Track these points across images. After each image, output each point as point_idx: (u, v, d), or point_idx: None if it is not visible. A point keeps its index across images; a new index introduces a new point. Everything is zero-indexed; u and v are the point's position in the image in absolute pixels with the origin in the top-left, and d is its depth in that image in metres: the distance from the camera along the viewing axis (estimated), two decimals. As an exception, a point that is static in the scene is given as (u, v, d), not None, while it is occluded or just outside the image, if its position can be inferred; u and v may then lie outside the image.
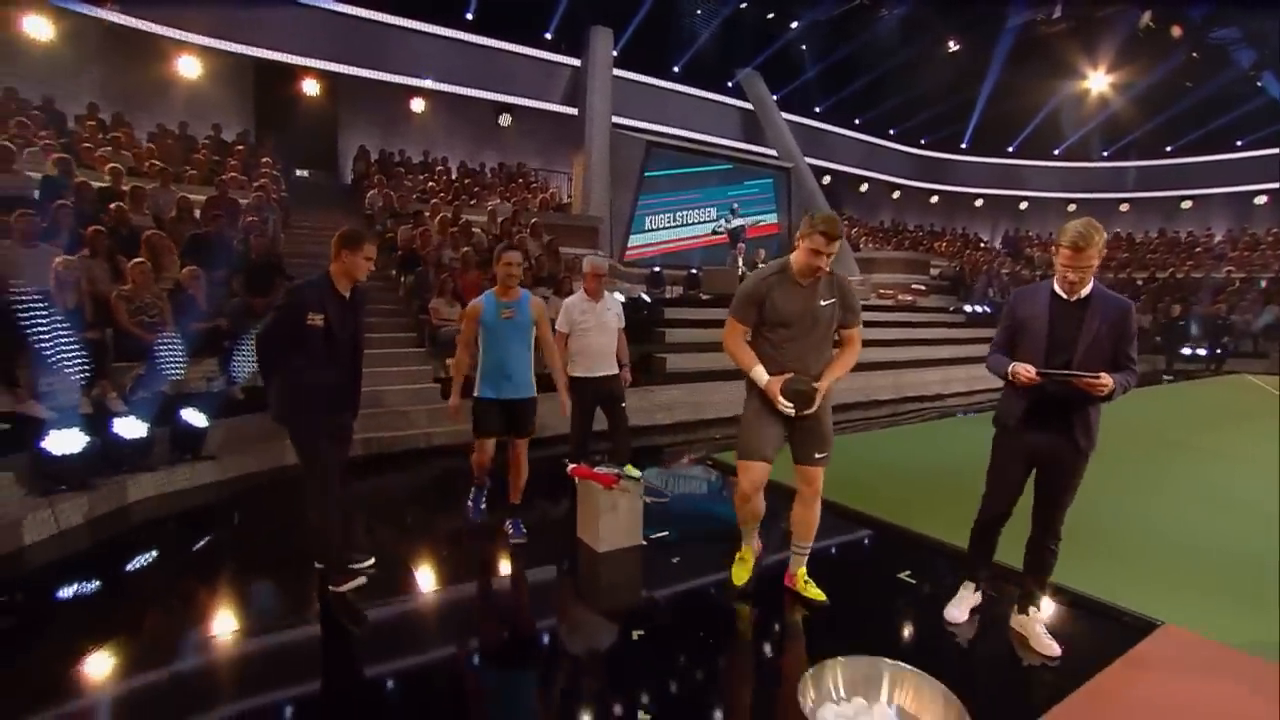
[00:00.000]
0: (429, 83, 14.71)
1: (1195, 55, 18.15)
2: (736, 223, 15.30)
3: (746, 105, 18.82)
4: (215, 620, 2.74)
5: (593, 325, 4.05)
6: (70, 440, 3.66)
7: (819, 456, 2.68)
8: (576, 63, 15.95)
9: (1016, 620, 2.57)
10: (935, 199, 24.01)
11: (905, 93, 20.51)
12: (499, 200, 12.87)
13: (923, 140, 23.11)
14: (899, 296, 14.25)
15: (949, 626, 2.63)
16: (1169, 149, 22.38)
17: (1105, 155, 23.74)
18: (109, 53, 11.37)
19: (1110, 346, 2.25)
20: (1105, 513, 3.92)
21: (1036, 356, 2.32)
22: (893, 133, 22.48)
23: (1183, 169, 22.31)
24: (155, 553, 3.53)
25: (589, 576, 3.25)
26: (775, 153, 17.93)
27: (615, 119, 15.24)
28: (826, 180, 19.68)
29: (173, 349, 4.93)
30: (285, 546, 3.56)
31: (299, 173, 13.58)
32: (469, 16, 15.18)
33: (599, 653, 2.58)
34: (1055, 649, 2.42)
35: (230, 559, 3.51)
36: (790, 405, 2.51)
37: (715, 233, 15.30)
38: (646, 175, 14.29)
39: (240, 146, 11.36)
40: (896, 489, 4.50)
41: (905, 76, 19.69)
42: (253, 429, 4.89)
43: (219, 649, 2.52)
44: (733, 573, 2.96)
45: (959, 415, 8.51)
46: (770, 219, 16.70)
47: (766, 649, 2.63)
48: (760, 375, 2.57)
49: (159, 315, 5.05)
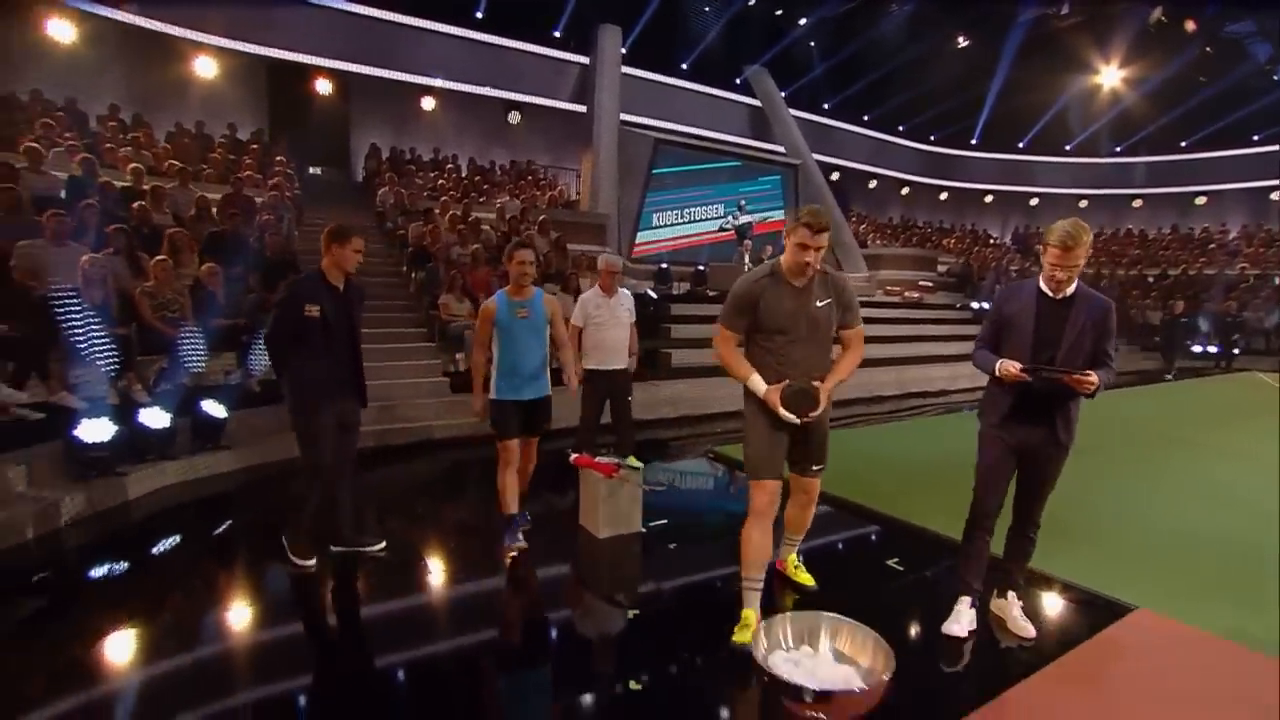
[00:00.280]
0: (439, 81, 14.86)
1: (1209, 49, 17.96)
2: (744, 219, 15.35)
3: (754, 102, 18.83)
4: (233, 599, 2.94)
5: (606, 320, 4.27)
6: (100, 429, 3.86)
7: (816, 469, 2.62)
8: (585, 61, 16.04)
9: (995, 604, 2.68)
10: (944, 195, 23.90)
11: (914, 89, 20.43)
12: (508, 197, 13.04)
13: (932, 136, 22.99)
14: (906, 293, 14.27)
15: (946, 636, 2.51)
16: (1183, 144, 22.13)
17: (1118, 151, 23.50)
18: (128, 54, 11.64)
19: (1092, 344, 2.33)
20: (1104, 507, 4.02)
21: (1022, 353, 2.37)
22: (901, 129, 22.38)
23: (1197, 164, 22.06)
24: (179, 537, 3.71)
25: (589, 561, 3.39)
26: (783, 149, 17.96)
27: (623, 116, 15.33)
28: (835, 177, 19.68)
29: (193, 343, 5.13)
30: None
31: (312, 170, 13.80)
32: (479, 15, 15.32)
33: (595, 631, 2.72)
34: (1030, 631, 2.53)
35: (247, 543, 3.69)
36: (793, 414, 2.34)
37: (723, 229, 15.35)
38: (654, 172, 14.36)
39: (255, 145, 11.60)
40: (895, 482, 4.59)
41: (914, 72, 19.62)
42: (268, 420, 5.09)
43: (236, 626, 2.70)
44: (737, 634, 2.28)
45: (964, 411, 8.56)
46: (778, 215, 16.72)
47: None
48: (758, 385, 2.42)
49: (180, 311, 5.25)
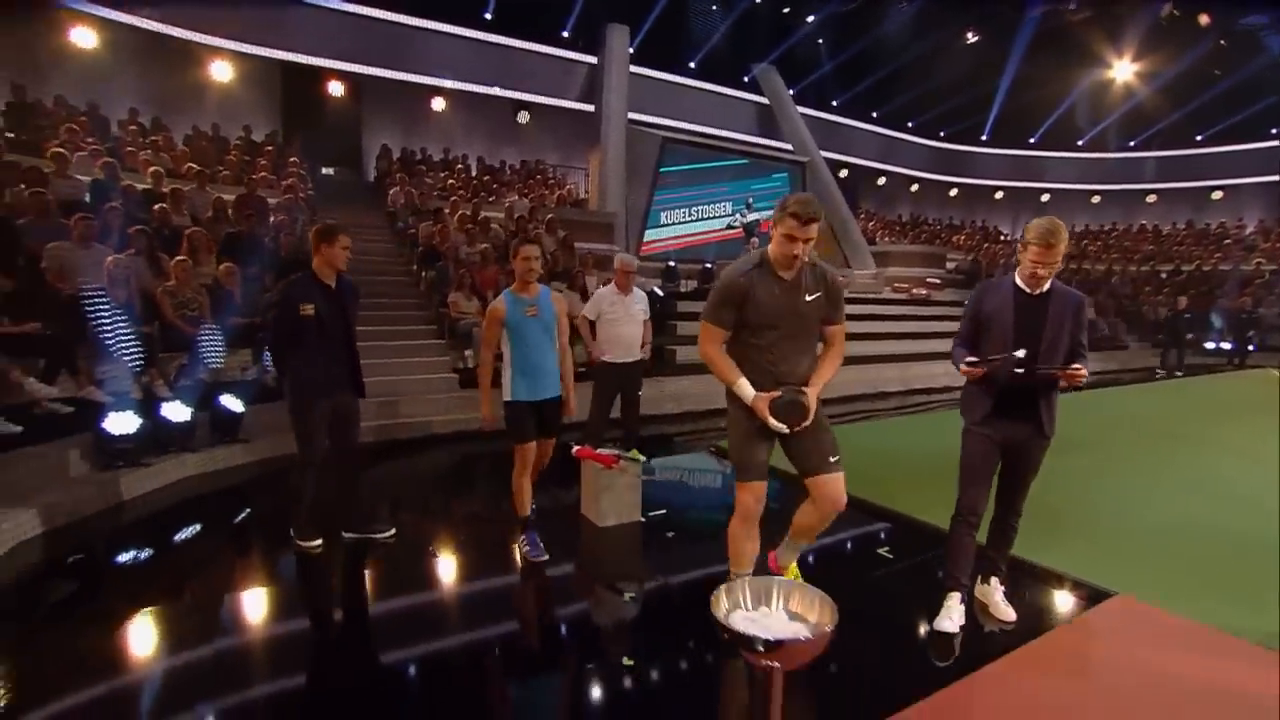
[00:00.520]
0: (449, 82, 15.05)
1: (1223, 42, 17.76)
2: (752, 217, 15.43)
3: (762, 100, 18.87)
4: (249, 579, 3.12)
5: (621, 316, 4.48)
6: (126, 422, 4.04)
7: (834, 460, 2.33)
8: (593, 60, 16.17)
9: (979, 589, 2.76)
10: (954, 192, 23.78)
11: (923, 85, 20.36)
12: (517, 197, 13.20)
13: (941, 133, 22.90)
14: (913, 290, 14.27)
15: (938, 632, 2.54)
16: (1199, 138, 21.86)
17: (1131, 146, 23.27)
18: (147, 59, 11.92)
19: (1068, 338, 2.41)
20: (1101, 501, 4.09)
21: (1004, 349, 2.41)
22: (911, 125, 22.31)
23: (1213, 159, 21.77)
24: (200, 525, 3.88)
25: (589, 548, 3.51)
26: (791, 147, 17.98)
27: (631, 115, 15.43)
28: (843, 174, 19.67)
29: (212, 340, 5.32)
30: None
31: (325, 171, 14.01)
32: (487, 16, 15.50)
33: (593, 612, 2.85)
34: (1011, 615, 2.62)
35: (264, 530, 3.86)
36: (783, 425, 2.21)
37: (730, 227, 15.41)
38: (662, 171, 14.45)
39: (269, 147, 11.83)
40: (899, 477, 4.64)
41: (923, 69, 19.56)
42: (283, 415, 5.22)
43: (254, 604, 2.86)
44: None
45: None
46: (785, 213, 16.80)
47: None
48: (745, 391, 2.25)
49: (199, 309, 5.44)
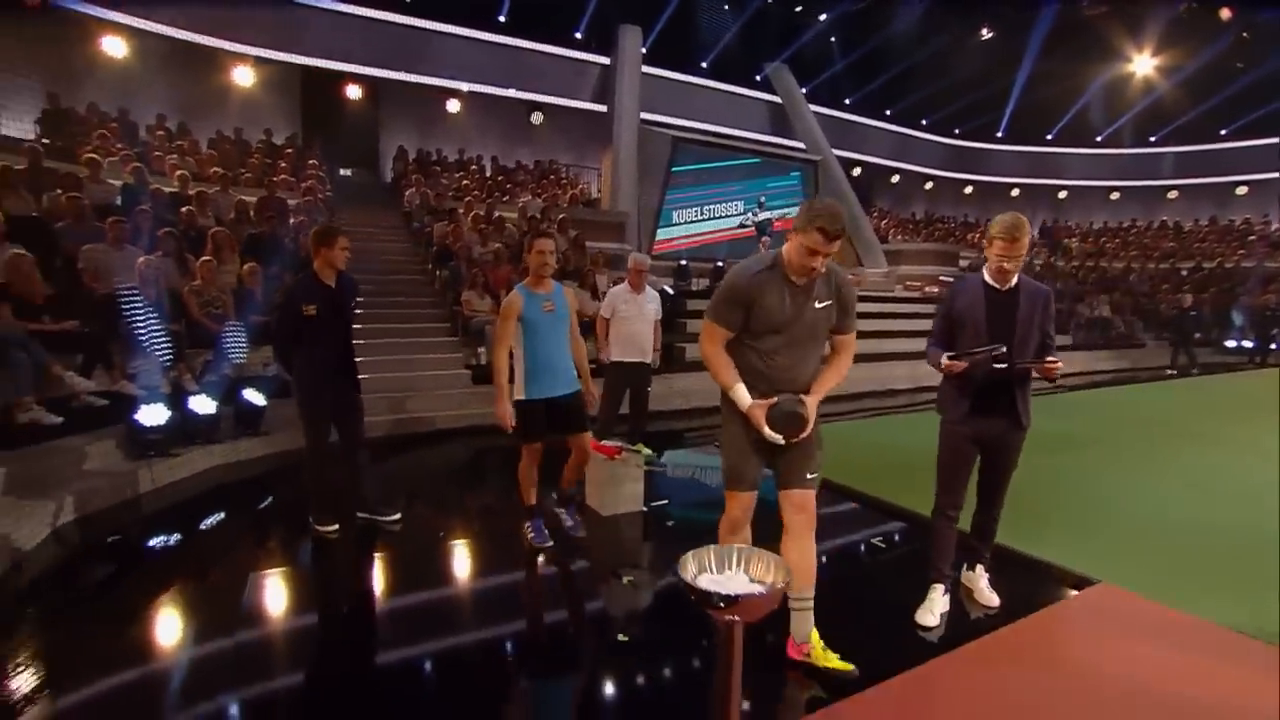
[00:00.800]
0: (464, 84, 15.30)
1: (1246, 35, 17.46)
2: (764, 216, 15.50)
3: (774, 99, 18.90)
4: (272, 562, 3.31)
5: (633, 315, 4.60)
6: (156, 414, 4.27)
7: (810, 477, 2.25)
8: (606, 61, 16.33)
9: (965, 575, 2.88)
10: (969, 189, 23.61)
11: (937, 82, 20.27)
12: (530, 196, 13.40)
13: (956, 130, 22.75)
14: (925, 289, 14.25)
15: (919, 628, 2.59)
16: (1223, 132, 21.47)
17: (1152, 141, 22.92)
18: (173, 65, 12.30)
19: (1039, 330, 2.49)
20: (1099, 496, 4.16)
21: (978, 345, 2.46)
22: (925, 123, 22.20)
23: (1237, 153, 21.36)
24: (225, 512, 4.10)
25: (592, 535, 3.62)
26: (804, 146, 18.00)
27: (644, 115, 15.57)
28: (856, 172, 19.64)
29: (235, 337, 5.55)
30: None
31: (343, 172, 14.34)
32: (501, 19, 15.72)
33: (592, 592, 2.99)
34: (995, 600, 2.73)
35: (284, 517, 4.06)
36: (779, 435, 2.12)
37: (743, 226, 15.49)
38: (674, 170, 14.55)
39: (289, 150, 12.15)
40: (905, 474, 4.74)
41: (937, 66, 19.47)
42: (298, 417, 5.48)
43: (275, 585, 3.06)
44: None
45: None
46: (798, 211, 16.82)
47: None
48: (742, 397, 2.14)
49: (223, 308, 5.68)
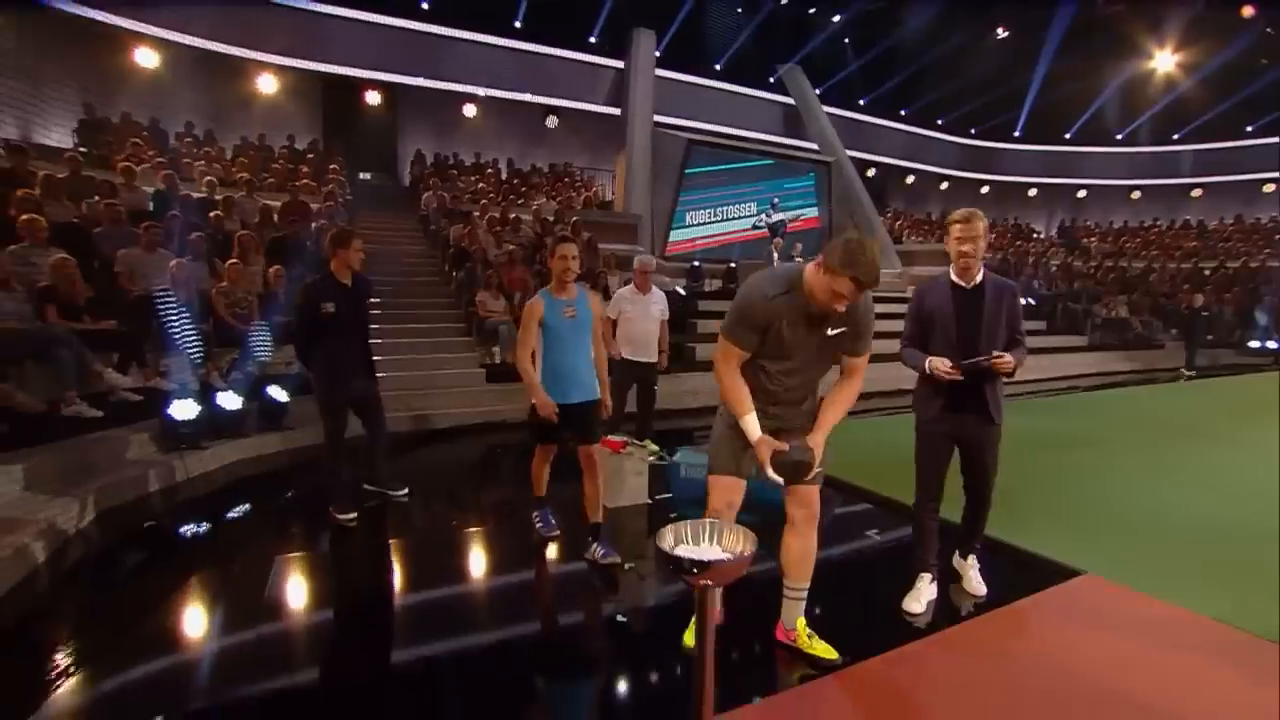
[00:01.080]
0: (481, 89, 15.59)
1: (1270, 30, 17.16)
2: (777, 217, 15.54)
3: (788, 100, 18.95)
4: (294, 547, 3.51)
5: (640, 315, 4.74)
6: (187, 409, 4.51)
7: (812, 476, 2.19)
8: (620, 64, 16.52)
9: (956, 563, 2.96)
10: (986, 189, 23.41)
11: (953, 82, 20.20)
12: (545, 199, 13.62)
13: (973, 130, 22.60)
14: (938, 289, 14.21)
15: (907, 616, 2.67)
16: (1249, 129, 21.07)
17: (1175, 139, 22.56)
18: (200, 75, 12.75)
19: (1006, 326, 2.56)
20: (1102, 494, 4.22)
21: (949, 344, 2.55)
22: (940, 123, 22.09)
23: (1263, 150, 20.93)
24: (251, 501, 4.31)
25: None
26: (817, 147, 18.03)
27: (658, 118, 15.72)
28: (871, 173, 19.61)
29: (260, 336, 5.79)
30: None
31: (362, 176, 14.69)
32: (517, 24, 15.98)
33: (595, 575, 3.13)
34: (982, 590, 2.81)
35: (305, 507, 4.26)
36: (779, 479, 2.09)
37: (756, 227, 15.56)
38: (687, 172, 14.67)
39: (311, 155, 12.50)
40: (901, 468, 4.83)
41: (952, 66, 19.40)
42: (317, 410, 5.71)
43: (297, 569, 3.26)
44: (686, 636, 2.39)
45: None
46: (811, 213, 16.83)
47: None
48: (751, 429, 2.09)
49: (248, 308, 5.93)
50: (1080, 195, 23.22)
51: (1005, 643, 2.48)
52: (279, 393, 5.40)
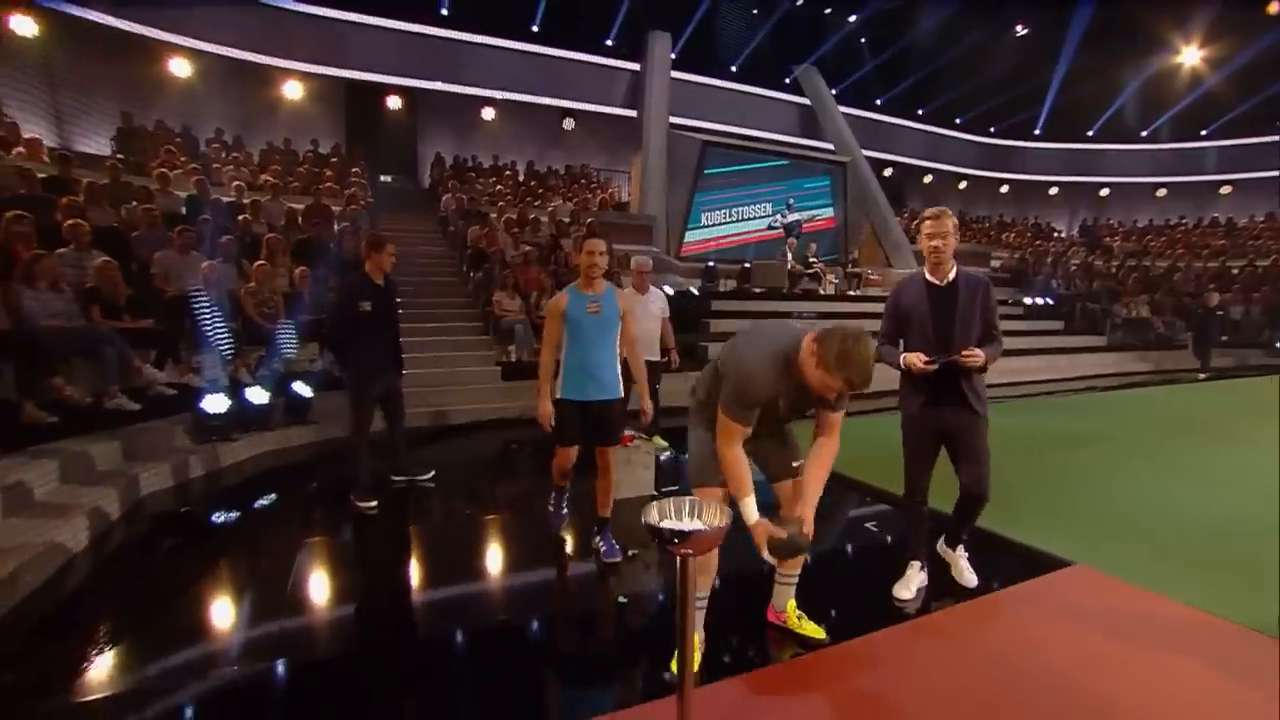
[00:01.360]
0: (499, 93, 15.85)
1: (1300, 26, 16.78)
2: (792, 217, 15.61)
3: (803, 100, 18.95)
4: (317, 532, 3.73)
5: (640, 315, 4.87)
6: (218, 403, 4.77)
7: (796, 465, 2.33)
8: (636, 67, 16.67)
9: (946, 554, 3.00)
10: (1005, 188, 23.17)
11: (970, 80, 20.02)
12: (561, 200, 13.83)
13: (991, 128, 22.36)
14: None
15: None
16: (1280, 124, 20.56)
17: (1203, 135, 22.08)
18: (229, 82, 13.18)
19: (981, 321, 2.62)
20: (1108, 492, 4.27)
21: (925, 340, 2.60)
22: (959, 122, 21.90)
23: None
24: (278, 492, 4.54)
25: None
26: (833, 147, 18.01)
27: (674, 119, 15.84)
28: (888, 173, 19.53)
29: (286, 334, 6.04)
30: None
31: (383, 179, 15.03)
32: (535, 29, 16.23)
33: (598, 561, 3.29)
34: (973, 580, 2.84)
35: (328, 497, 4.47)
36: (772, 560, 2.17)
37: (771, 228, 15.61)
38: (703, 173, 14.78)
39: (334, 158, 12.85)
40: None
41: (970, 64, 19.24)
42: (346, 401, 5.93)
43: (320, 551, 3.47)
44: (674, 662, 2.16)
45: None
46: (827, 213, 16.83)
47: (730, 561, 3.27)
48: (750, 513, 2.12)
49: (275, 307, 6.19)
50: (1103, 194, 22.86)
51: (984, 627, 2.57)
52: (303, 388, 5.65)
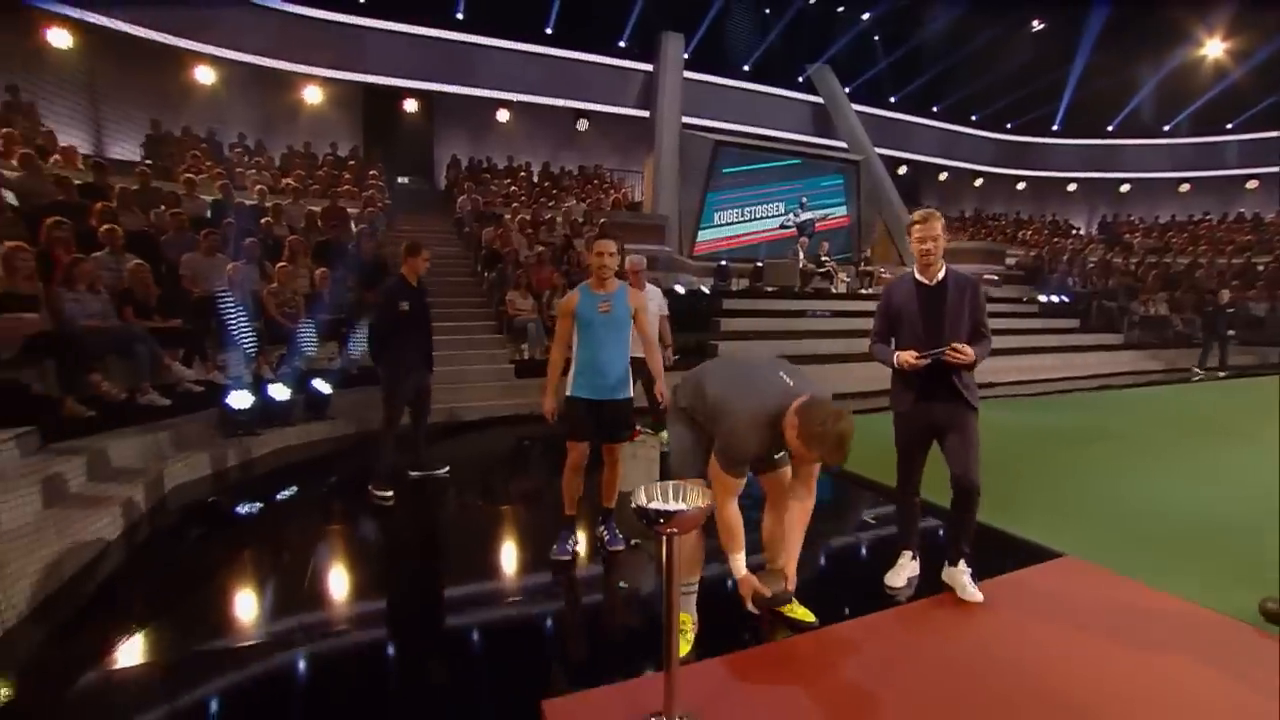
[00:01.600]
0: (513, 95, 16.06)
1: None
2: (805, 216, 15.63)
3: (817, 99, 18.94)
4: (337, 520, 3.92)
5: None
6: (243, 399, 4.98)
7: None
8: (649, 68, 16.80)
9: (947, 572, 2.83)
10: (1022, 185, 22.90)
11: (986, 76, 19.85)
12: (574, 201, 14.00)
13: (1008, 125, 22.12)
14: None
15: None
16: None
17: (1229, 128, 21.65)
18: (251, 88, 13.54)
19: (970, 319, 2.66)
20: (1109, 488, 4.30)
21: (915, 338, 2.65)
22: (975, 118, 21.70)
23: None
24: (299, 484, 4.73)
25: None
26: (846, 145, 17.97)
27: (687, 119, 15.94)
28: (902, 171, 19.43)
29: (306, 333, 6.25)
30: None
31: (400, 180, 15.33)
32: (548, 31, 16.42)
33: (601, 549, 3.43)
34: (978, 596, 2.69)
35: (347, 488, 4.66)
36: (757, 610, 2.38)
37: (784, 227, 15.66)
38: (715, 173, 14.86)
39: (352, 161, 13.14)
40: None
41: (986, 59, 19.08)
42: (363, 397, 6.15)
43: (338, 539, 3.65)
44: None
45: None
46: (840, 212, 16.83)
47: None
48: (739, 566, 2.33)
49: (296, 307, 6.41)
50: (1124, 190, 22.51)
51: (969, 614, 2.63)
52: (322, 385, 5.86)
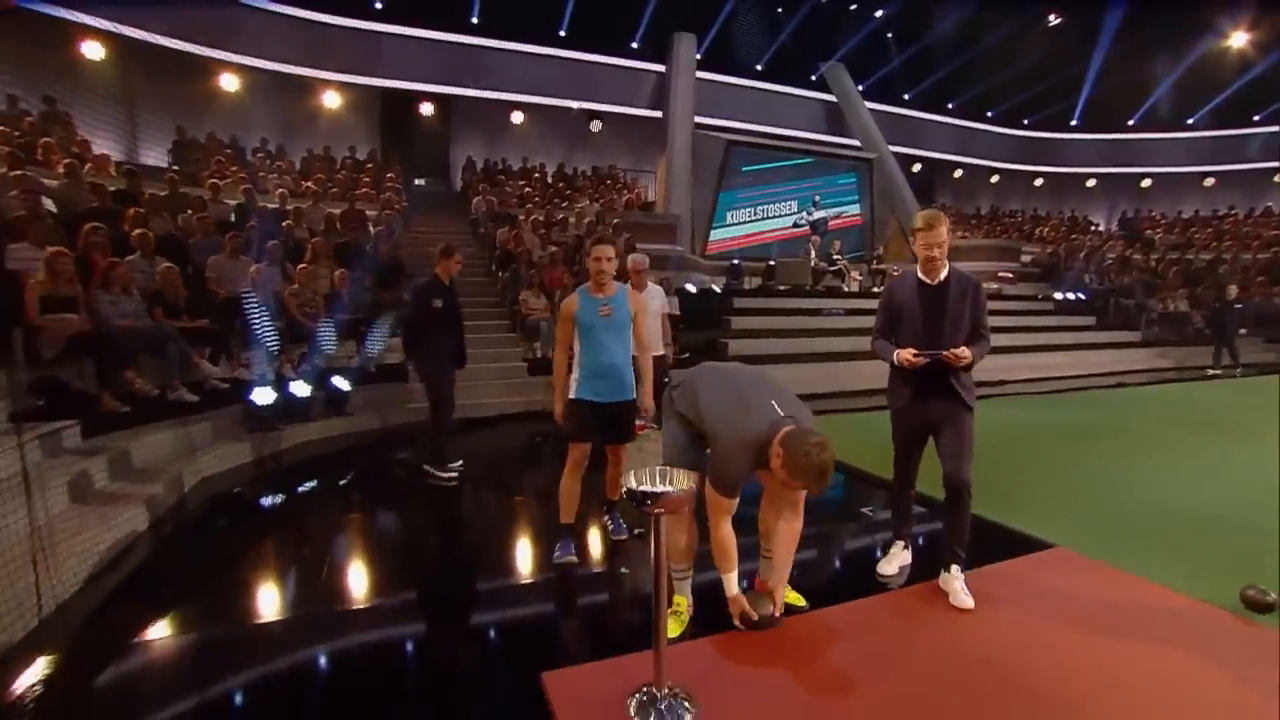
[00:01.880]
0: (527, 97, 16.26)
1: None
2: (818, 214, 15.63)
3: (829, 97, 18.90)
4: (359, 510, 4.09)
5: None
6: (266, 396, 5.20)
7: None
8: (661, 68, 16.90)
9: (941, 579, 2.81)
10: (1040, 182, 22.61)
11: (1002, 72, 19.64)
12: (588, 201, 14.15)
13: (1025, 121, 21.85)
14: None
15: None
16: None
17: (1256, 120, 21.17)
18: (272, 94, 13.88)
19: (970, 320, 2.73)
20: (1109, 484, 4.34)
21: (915, 336, 2.70)
22: (990, 115, 21.47)
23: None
24: (321, 476, 4.94)
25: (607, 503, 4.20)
26: (859, 143, 17.91)
27: (699, 119, 16.00)
28: (916, 168, 19.31)
29: (326, 332, 6.46)
30: (406, 478, 4.89)
31: (417, 183, 15.59)
32: (561, 33, 16.60)
33: (605, 541, 3.56)
34: (969, 604, 2.63)
35: (366, 480, 4.88)
36: (745, 629, 2.47)
37: (797, 225, 15.66)
38: (729, 172, 14.90)
39: (370, 164, 13.42)
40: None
41: (1001, 55, 18.88)
42: (380, 395, 6.37)
43: (356, 531, 3.83)
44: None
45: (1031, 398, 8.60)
46: (853, 210, 16.78)
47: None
48: (731, 586, 2.45)
49: (316, 307, 6.63)
50: (1145, 184, 22.12)
51: (948, 602, 2.69)
52: (342, 382, 6.07)
